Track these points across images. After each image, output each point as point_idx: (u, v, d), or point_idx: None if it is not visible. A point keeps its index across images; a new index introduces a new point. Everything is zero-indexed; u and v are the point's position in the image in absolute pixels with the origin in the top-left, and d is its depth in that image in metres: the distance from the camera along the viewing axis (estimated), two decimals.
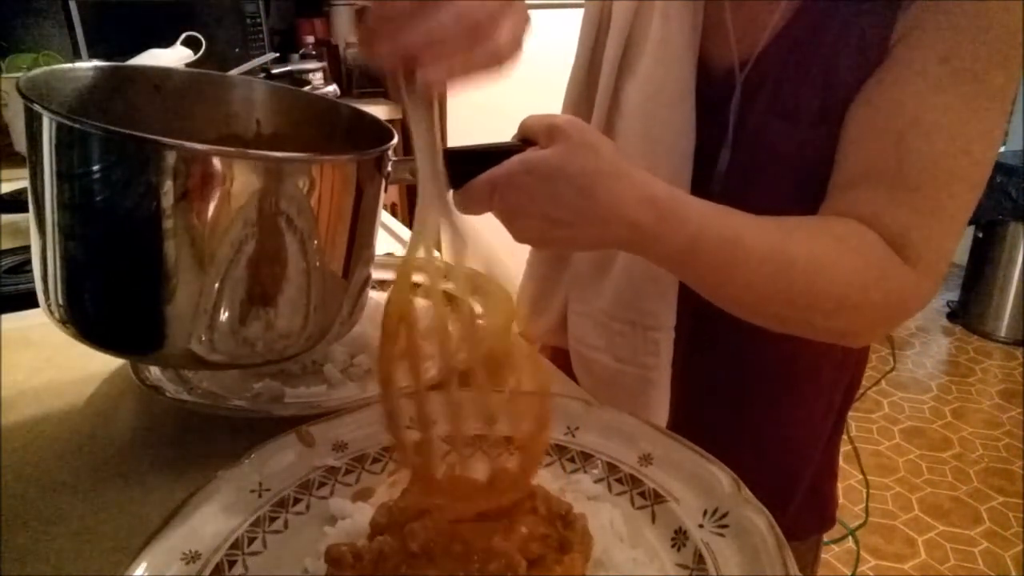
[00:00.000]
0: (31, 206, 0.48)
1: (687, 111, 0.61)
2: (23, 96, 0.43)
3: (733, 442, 0.48)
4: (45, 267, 0.46)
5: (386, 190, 0.52)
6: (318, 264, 0.48)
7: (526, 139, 0.50)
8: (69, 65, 0.53)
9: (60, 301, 0.46)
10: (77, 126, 0.41)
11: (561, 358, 0.78)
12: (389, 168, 0.51)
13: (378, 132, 0.54)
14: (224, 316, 0.45)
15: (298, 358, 0.64)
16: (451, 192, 0.47)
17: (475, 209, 0.48)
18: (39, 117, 0.42)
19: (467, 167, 0.47)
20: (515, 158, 0.47)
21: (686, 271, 0.52)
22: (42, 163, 0.44)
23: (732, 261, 0.49)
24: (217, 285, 0.44)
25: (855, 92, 0.54)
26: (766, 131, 0.58)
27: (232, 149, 0.44)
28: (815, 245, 0.51)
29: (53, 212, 0.45)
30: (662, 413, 0.67)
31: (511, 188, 0.47)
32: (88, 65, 0.53)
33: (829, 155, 0.55)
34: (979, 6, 0.49)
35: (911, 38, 0.51)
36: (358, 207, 0.49)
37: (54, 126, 0.42)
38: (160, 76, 0.57)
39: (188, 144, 0.41)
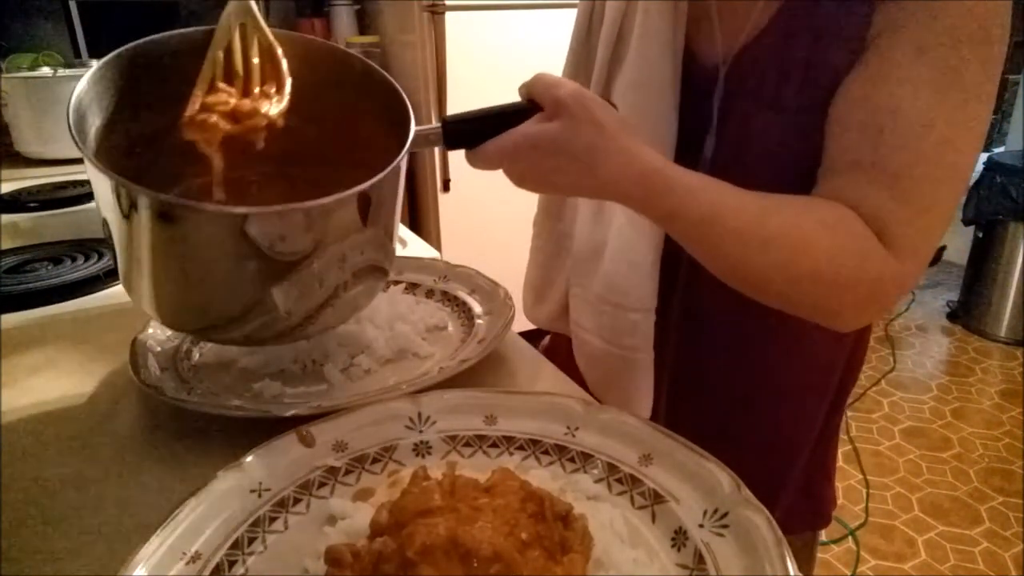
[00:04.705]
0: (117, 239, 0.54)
1: (669, 101, 0.63)
2: (97, 165, 0.47)
3: (721, 433, 0.49)
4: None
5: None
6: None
7: (532, 100, 0.53)
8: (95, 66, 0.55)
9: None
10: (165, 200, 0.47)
11: (564, 344, 0.79)
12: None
13: (386, 89, 0.59)
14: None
15: (299, 358, 0.65)
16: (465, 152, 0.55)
17: (486, 168, 0.54)
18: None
19: (480, 127, 0.54)
20: (520, 131, 0.52)
21: (673, 234, 0.56)
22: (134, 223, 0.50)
23: (708, 236, 0.52)
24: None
25: (834, 83, 0.55)
26: (748, 121, 0.60)
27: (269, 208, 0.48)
28: (795, 223, 0.52)
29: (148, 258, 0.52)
30: (646, 396, 0.69)
31: (518, 160, 0.53)
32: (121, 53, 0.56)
33: (809, 143, 0.56)
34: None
35: (890, 31, 0.52)
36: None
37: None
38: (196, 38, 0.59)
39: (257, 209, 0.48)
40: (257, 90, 0.56)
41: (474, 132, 0.54)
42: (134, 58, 0.56)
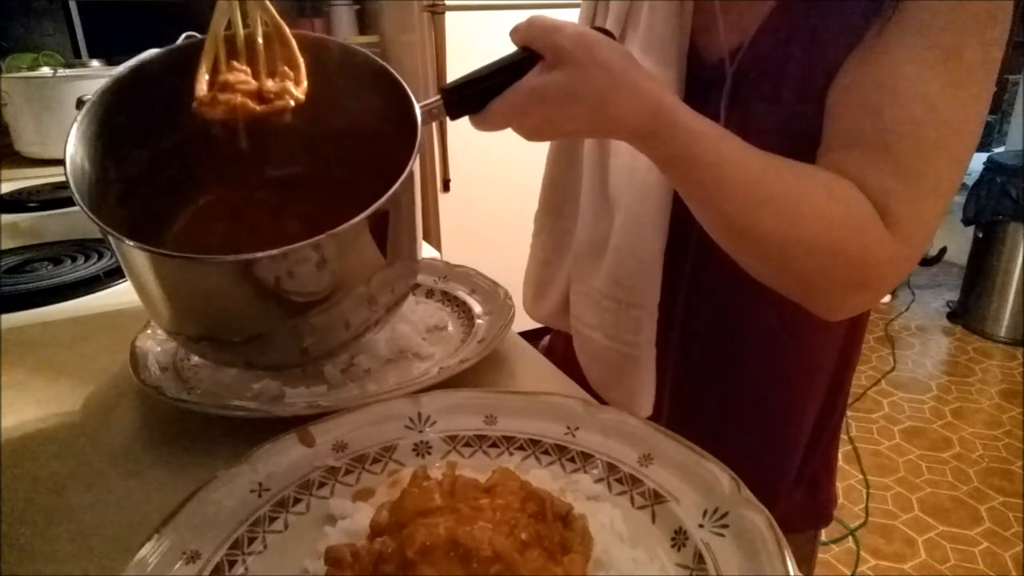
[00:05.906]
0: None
1: None
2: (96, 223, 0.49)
3: (722, 430, 0.48)
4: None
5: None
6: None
7: (528, 48, 0.51)
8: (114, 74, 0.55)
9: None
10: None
11: (563, 343, 0.79)
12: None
13: (374, 71, 0.58)
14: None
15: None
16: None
17: (494, 130, 0.53)
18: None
19: (480, 89, 0.52)
20: (525, 87, 0.51)
21: (671, 179, 0.55)
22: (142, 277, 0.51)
23: (707, 186, 0.52)
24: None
25: (838, 70, 0.55)
26: (755, 117, 0.60)
27: (267, 253, 0.46)
28: (798, 187, 0.52)
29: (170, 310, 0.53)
30: (648, 392, 0.69)
31: (527, 117, 0.52)
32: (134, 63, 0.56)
33: (817, 133, 0.56)
34: None
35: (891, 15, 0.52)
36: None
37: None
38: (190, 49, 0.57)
39: (269, 253, 0.46)
40: (262, 71, 0.54)
41: (475, 95, 0.52)
42: (113, 95, 0.55)
